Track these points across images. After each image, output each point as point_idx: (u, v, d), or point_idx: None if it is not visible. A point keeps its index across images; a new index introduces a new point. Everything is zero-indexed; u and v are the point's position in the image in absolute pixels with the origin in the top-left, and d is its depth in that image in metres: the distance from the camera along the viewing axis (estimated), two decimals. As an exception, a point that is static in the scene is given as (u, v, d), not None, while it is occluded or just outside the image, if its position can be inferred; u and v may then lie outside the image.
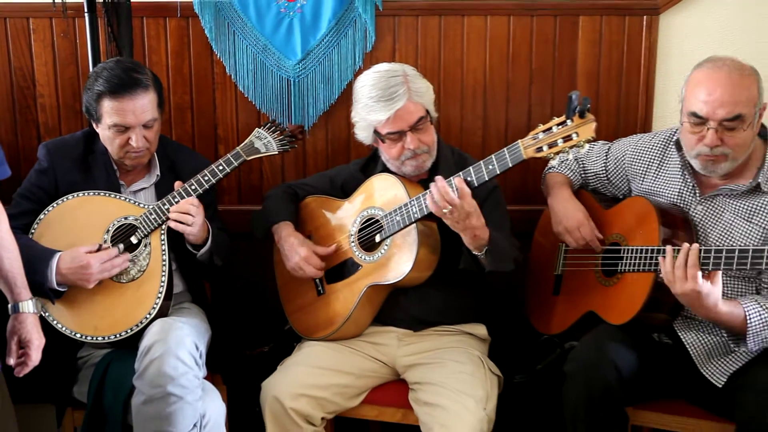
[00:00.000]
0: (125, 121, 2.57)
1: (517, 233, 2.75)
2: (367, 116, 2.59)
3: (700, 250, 2.25)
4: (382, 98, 2.54)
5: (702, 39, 3.07)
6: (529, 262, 2.93)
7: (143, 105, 2.58)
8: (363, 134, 2.68)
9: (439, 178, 2.42)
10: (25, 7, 3.14)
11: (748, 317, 2.32)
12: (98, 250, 2.54)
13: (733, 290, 2.45)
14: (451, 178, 2.43)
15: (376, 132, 2.62)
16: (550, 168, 2.86)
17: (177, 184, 2.62)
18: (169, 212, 2.58)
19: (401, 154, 2.60)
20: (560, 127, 2.27)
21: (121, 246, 2.58)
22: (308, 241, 2.73)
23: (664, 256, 2.31)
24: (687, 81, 2.46)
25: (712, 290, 2.25)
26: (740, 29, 3.06)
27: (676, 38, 3.11)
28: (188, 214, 2.56)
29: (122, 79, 2.56)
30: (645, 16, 3.09)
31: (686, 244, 2.27)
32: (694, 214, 2.52)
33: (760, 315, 2.32)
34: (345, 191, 2.80)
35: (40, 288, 2.42)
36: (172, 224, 2.57)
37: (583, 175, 2.84)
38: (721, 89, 2.35)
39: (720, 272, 2.27)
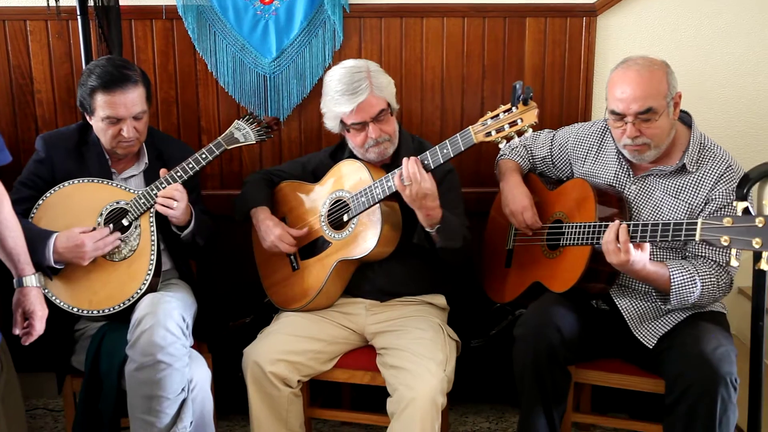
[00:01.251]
0: (117, 113, 2.53)
1: (470, 212, 2.75)
2: (334, 108, 2.57)
3: (629, 225, 2.26)
4: (347, 92, 2.53)
5: (635, 38, 3.11)
6: (484, 238, 2.93)
7: (133, 99, 2.54)
8: (331, 124, 2.65)
9: (412, 158, 2.41)
10: (23, 11, 3.08)
11: (671, 277, 2.34)
12: (92, 231, 2.50)
13: (663, 259, 2.45)
14: (410, 158, 2.42)
15: (342, 122, 2.60)
16: (502, 155, 2.85)
17: (162, 172, 2.59)
18: (156, 197, 2.55)
19: (365, 142, 2.58)
20: (506, 113, 2.27)
21: (111, 226, 2.55)
22: (282, 223, 2.71)
23: (603, 230, 2.31)
24: (607, 82, 2.46)
25: (642, 257, 2.27)
26: (667, 29, 3.11)
27: (612, 37, 3.11)
28: (173, 198, 2.54)
29: (114, 75, 2.52)
30: (584, 18, 3.09)
31: (616, 221, 2.28)
32: (628, 193, 2.53)
33: (681, 276, 2.34)
34: (316, 176, 2.78)
35: (38, 266, 2.37)
36: (159, 208, 2.54)
37: (531, 161, 2.83)
38: (632, 87, 2.36)
39: (647, 243, 2.29)
